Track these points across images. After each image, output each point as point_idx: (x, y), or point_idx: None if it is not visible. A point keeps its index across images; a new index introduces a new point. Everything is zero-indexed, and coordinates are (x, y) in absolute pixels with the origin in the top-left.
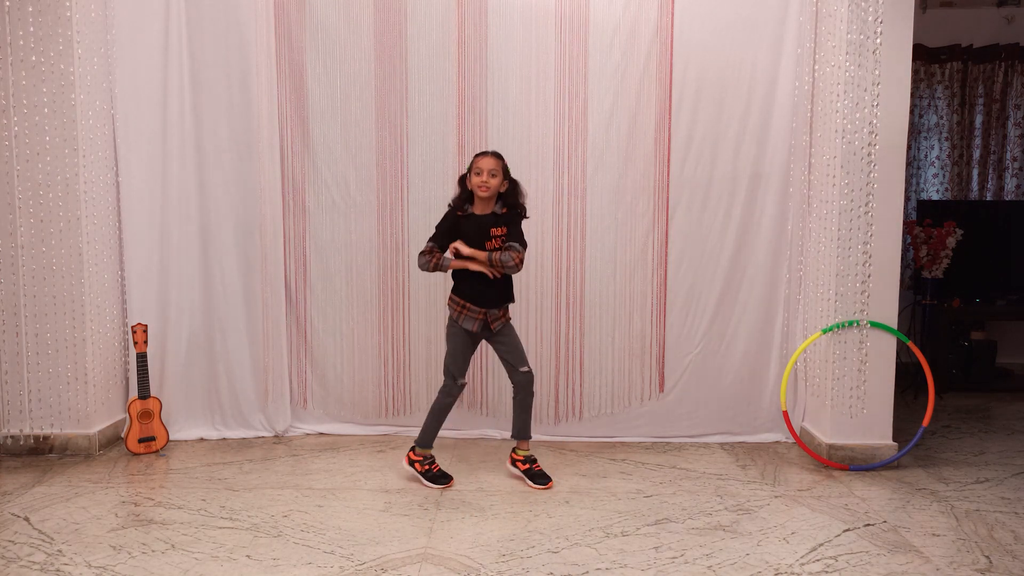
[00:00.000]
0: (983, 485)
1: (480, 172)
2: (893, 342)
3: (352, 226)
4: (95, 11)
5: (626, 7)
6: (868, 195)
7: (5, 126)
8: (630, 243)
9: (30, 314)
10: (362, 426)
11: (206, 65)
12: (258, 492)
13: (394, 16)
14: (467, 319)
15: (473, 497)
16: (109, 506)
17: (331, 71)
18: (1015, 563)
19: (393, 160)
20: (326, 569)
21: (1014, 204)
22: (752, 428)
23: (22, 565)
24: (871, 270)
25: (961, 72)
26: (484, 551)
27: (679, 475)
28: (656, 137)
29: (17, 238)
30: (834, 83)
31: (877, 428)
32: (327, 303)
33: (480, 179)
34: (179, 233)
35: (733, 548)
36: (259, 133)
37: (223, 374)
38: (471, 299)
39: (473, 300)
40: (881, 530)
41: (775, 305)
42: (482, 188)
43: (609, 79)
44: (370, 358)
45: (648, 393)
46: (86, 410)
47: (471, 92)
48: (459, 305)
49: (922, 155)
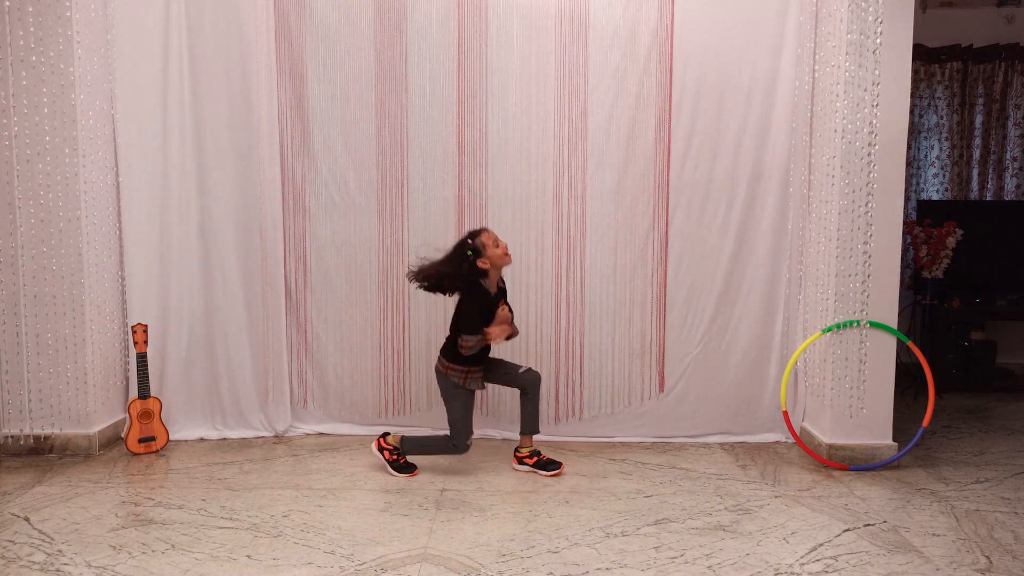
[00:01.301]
0: (983, 485)
1: (496, 242)
2: (893, 342)
3: (352, 226)
4: (95, 11)
5: (626, 7)
6: (868, 195)
7: (5, 126)
8: (630, 243)
9: (30, 314)
10: (362, 426)
11: (206, 65)
12: (258, 492)
13: (394, 16)
14: (472, 380)
15: (473, 497)
16: (109, 506)
17: (331, 71)
18: (1015, 563)
19: (393, 160)
20: (326, 569)
21: (1014, 204)
22: (752, 428)
23: (22, 565)
24: (871, 270)
25: (961, 72)
26: (484, 551)
27: (679, 475)
28: (656, 137)
29: (17, 238)
30: (834, 83)
31: (877, 428)
32: (327, 303)
33: (503, 245)
34: (179, 233)
35: (733, 548)
36: (259, 133)
37: (223, 374)
38: (474, 362)
39: (476, 362)
40: (881, 530)
41: (775, 305)
42: (508, 256)
43: (609, 79)
44: (370, 358)
45: (648, 393)
46: (86, 410)
47: (471, 92)
48: (463, 371)
49: (922, 155)
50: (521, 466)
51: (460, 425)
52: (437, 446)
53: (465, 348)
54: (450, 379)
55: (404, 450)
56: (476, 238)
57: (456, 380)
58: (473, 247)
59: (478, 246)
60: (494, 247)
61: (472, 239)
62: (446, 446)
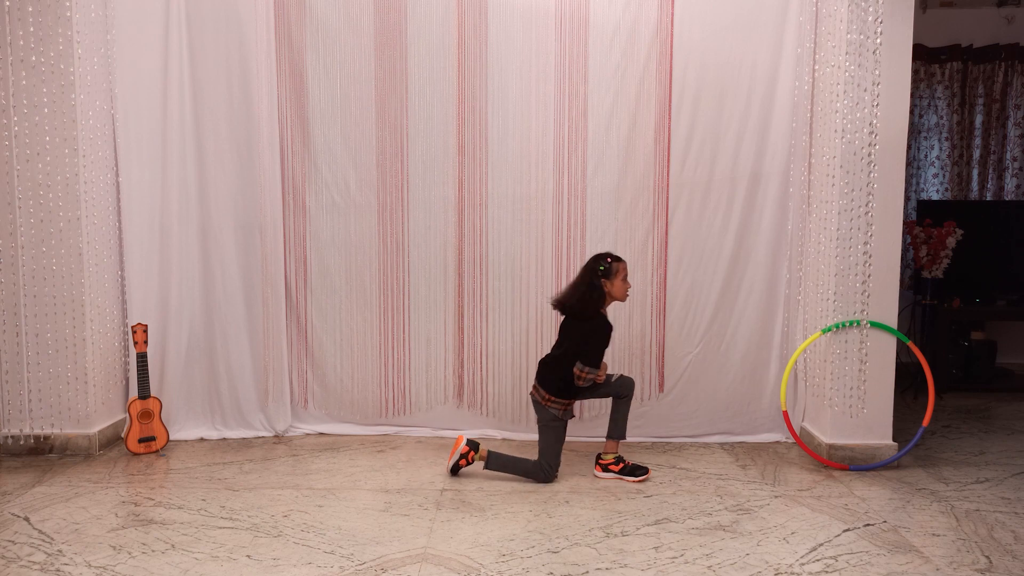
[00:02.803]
0: (983, 485)
1: (625, 278)
2: (893, 342)
3: (352, 226)
4: (95, 11)
5: (626, 7)
6: (868, 195)
7: (5, 126)
8: (630, 243)
9: (30, 314)
10: (362, 426)
11: (206, 65)
12: (258, 492)
13: (394, 16)
14: (568, 412)
15: (473, 497)
16: (109, 506)
17: (331, 71)
18: (1015, 563)
19: (393, 160)
20: (326, 569)
21: (1014, 204)
22: (752, 428)
23: (22, 565)
24: (871, 270)
25: (961, 72)
26: (484, 551)
27: (679, 475)
28: (656, 137)
29: (17, 238)
30: (834, 83)
31: (877, 428)
32: (327, 303)
33: (629, 285)
34: (179, 233)
35: (733, 548)
36: (259, 133)
37: (223, 374)
38: (575, 394)
39: (576, 394)
40: (881, 530)
41: (775, 305)
42: (627, 296)
43: (609, 79)
44: (370, 358)
45: (648, 393)
46: (86, 410)
47: (471, 92)
48: (564, 404)
49: (922, 155)
50: (606, 473)
51: (551, 455)
52: (526, 470)
53: (583, 380)
54: (549, 411)
55: (490, 466)
56: (612, 262)
57: (556, 413)
58: (607, 265)
59: (611, 269)
60: (622, 280)
61: (609, 261)
62: (535, 472)
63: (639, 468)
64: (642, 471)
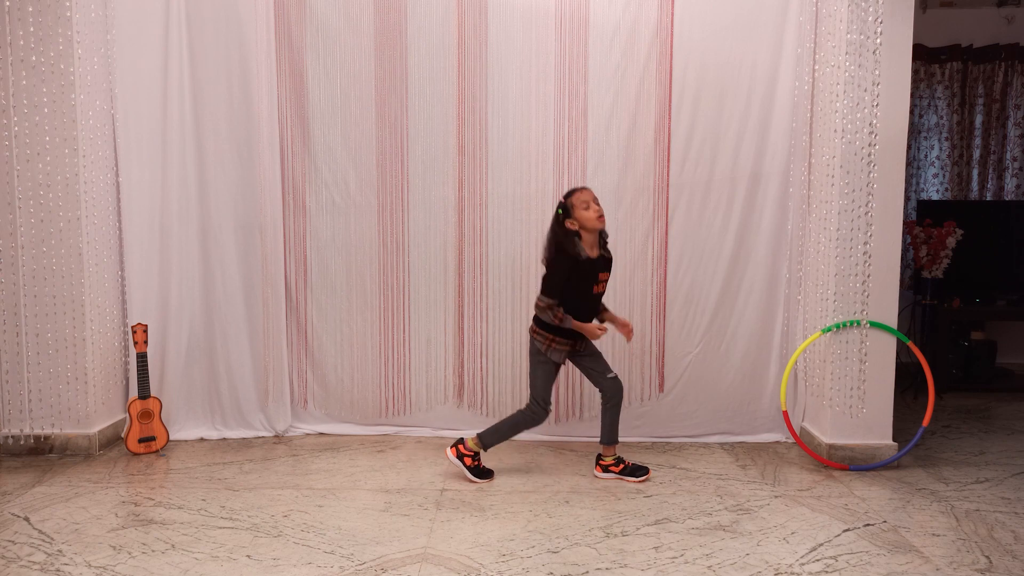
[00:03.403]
0: (983, 485)
1: (588, 204)
2: (893, 342)
3: (352, 226)
4: (95, 11)
5: (626, 7)
6: (868, 195)
7: (5, 126)
8: (630, 243)
9: (30, 314)
10: (362, 426)
11: (206, 65)
12: (258, 492)
13: (394, 16)
14: (555, 352)
15: (473, 497)
16: (109, 506)
17: (331, 71)
18: (1015, 563)
19: (393, 160)
20: (326, 569)
21: (1014, 204)
22: (752, 428)
23: (22, 565)
24: (871, 270)
25: (961, 72)
26: (484, 551)
27: (679, 475)
28: (656, 137)
29: (17, 238)
30: (834, 83)
31: (877, 428)
32: (327, 303)
33: (596, 209)
34: (179, 233)
35: (733, 548)
36: (259, 133)
37: (223, 374)
38: (560, 333)
39: (563, 335)
40: (881, 530)
41: (775, 305)
42: (602, 218)
43: (609, 79)
44: (370, 358)
45: (648, 393)
46: (86, 410)
47: (471, 92)
48: (547, 339)
49: (922, 155)
50: (606, 474)
51: (539, 390)
52: (516, 424)
53: (537, 307)
54: (535, 343)
55: (487, 443)
56: (568, 198)
57: (539, 346)
58: (563, 206)
59: (568, 206)
60: (583, 209)
61: (565, 198)
62: (525, 419)
63: (640, 468)
64: (643, 471)
